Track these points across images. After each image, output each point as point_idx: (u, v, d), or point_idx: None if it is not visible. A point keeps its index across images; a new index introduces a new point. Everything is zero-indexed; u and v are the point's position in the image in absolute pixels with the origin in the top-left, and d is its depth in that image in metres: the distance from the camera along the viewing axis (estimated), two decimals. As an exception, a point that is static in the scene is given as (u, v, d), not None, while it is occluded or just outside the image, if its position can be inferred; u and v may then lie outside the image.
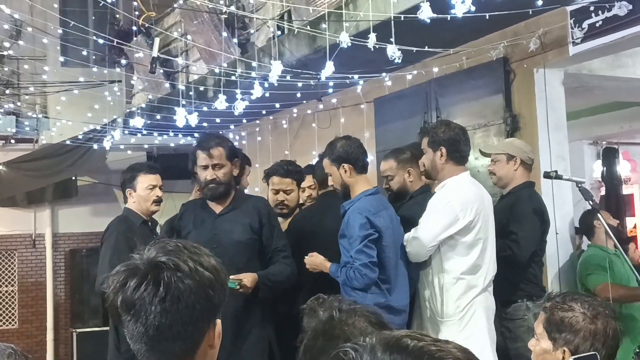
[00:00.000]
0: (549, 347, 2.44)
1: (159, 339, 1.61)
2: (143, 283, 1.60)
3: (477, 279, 4.24)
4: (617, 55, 6.02)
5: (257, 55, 6.92)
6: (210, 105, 7.55)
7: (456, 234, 4.21)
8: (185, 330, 1.62)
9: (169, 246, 1.67)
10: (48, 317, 11.85)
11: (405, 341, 1.00)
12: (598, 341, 2.36)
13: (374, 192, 4.25)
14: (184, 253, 1.66)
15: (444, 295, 4.25)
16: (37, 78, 10.70)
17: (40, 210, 12.06)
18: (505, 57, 5.97)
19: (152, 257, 1.63)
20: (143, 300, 1.60)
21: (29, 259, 12.07)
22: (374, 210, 4.13)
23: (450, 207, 4.22)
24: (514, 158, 5.02)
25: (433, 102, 6.73)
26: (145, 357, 1.64)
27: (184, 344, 1.63)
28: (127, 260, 1.67)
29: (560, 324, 2.42)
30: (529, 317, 4.74)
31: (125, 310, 1.61)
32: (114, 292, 1.62)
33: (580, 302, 2.43)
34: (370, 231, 4.05)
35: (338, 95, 7.79)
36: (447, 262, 4.25)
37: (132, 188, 4.91)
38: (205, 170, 4.41)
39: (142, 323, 1.60)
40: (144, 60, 9.19)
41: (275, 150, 9.02)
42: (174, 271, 1.61)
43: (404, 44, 5.19)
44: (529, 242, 4.80)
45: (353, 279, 4.04)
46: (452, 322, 4.22)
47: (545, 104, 5.77)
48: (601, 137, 9.40)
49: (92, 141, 10.10)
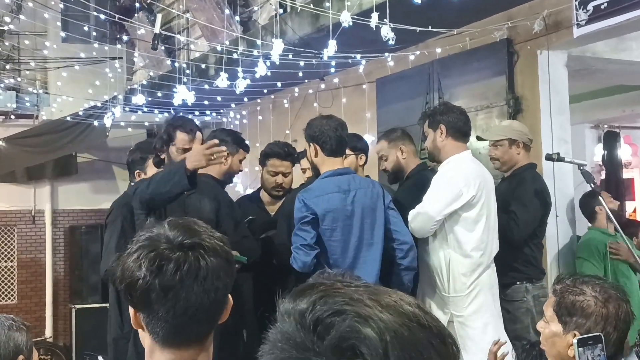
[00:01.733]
0: (559, 330, 2.43)
1: (194, 320, 1.63)
2: (182, 265, 1.61)
3: (483, 256, 4.29)
4: (621, 38, 5.99)
5: (259, 33, 6.89)
6: (212, 84, 7.52)
7: (460, 210, 4.27)
8: (215, 311, 1.66)
9: (187, 225, 1.69)
10: (47, 293, 11.88)
11: (318, 286, 0.98)
12: (610, 324, 2.35)
13: (330, 174, 4.17)
14: (204, 231, 1.68)
15: (451, 272, 4.29)
16: (38, 53, 10.65)
17: (40, 187, 12.05)
18: (508, 38, 5.93)
19: (179, 238, 1.64)
20: (182, 283, 1.60)
21: (28, 235, 12.08)
22: (317, 193, 4.09)
23: (453, 182, 4.28)
24: (516, 142, 5.03)
25: (435, 83, 6.70)
26: (169, 337, 1.64)
27: (212, 324, 1.68)
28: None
29: (572, 307, 2.40)
30: (528, 298, 4.78)
31: (162, 292, 1.60)
32: (144, 278, 1.61)
33: (592, 286, 2.41)
34: (304, 214, 4.04)
35: (340, 75, 7.76)
36: (453, 238, 4.30)
37: (143, 171, 4.93)
38: (185, 153, 4.29)
39: (180, 305, 1.60)
40: (145, 37, 9.15)
41: (276, 130, 8.99)
42: (206, 251, 1.63)
43: (407, 23, 5.17)
44: (527, 223, 4.83)
45: (293, 262, 4.05)
46: (459, 298, 4.27)
47: (548, 86, 5.75)
48: (603, 120, 9.40)
49: (92, 118, 10.07)
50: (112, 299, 4.91)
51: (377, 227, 4.15)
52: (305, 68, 6.88)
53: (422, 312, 0.94)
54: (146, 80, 9.60)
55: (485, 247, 4.32)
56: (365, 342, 0.88)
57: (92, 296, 10.89)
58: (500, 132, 5.20)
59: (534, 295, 4.80)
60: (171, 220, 1.70)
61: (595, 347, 2.28)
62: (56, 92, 10.99)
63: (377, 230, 4.16)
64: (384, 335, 0.88)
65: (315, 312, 0.91)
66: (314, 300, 0.93)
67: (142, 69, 10.37)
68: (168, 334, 1.63)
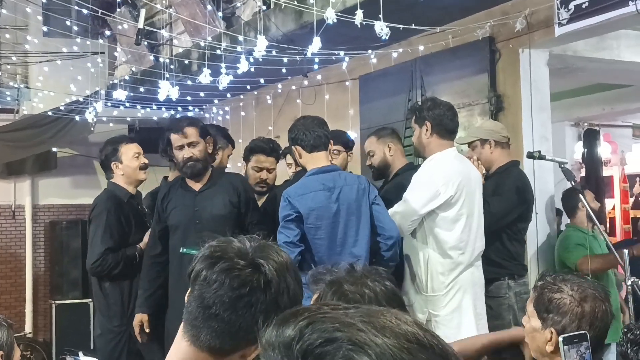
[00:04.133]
0: (538, 326, 2.47)
1: (210, 323, 1.63)
2: (233, 271, 1.62)
3: (462, 255, 4.30)
4: (602, 37, 6.05)
5: (242, 29, 6.88)
6: (195, 79, 7.51)
7: (438, 209, 4.26)
8: (235, 334, 1.64)
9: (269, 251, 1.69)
10: (27, 289, 11.79)
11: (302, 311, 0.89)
12: (585, 323, 2.39)
13: (316, 171, 4.20)
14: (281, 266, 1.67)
15: (429, 270, 4.30)
16: (19, 47, 10.57)
17: (20, 181, 11.95)
18: (491, 36, 5.97)
19: (252, 254, 1.66)
20: (222, 285, 1.61)
21: (8, 230, 11.98)
22: (302, 191, 4.12)
23: (431, 181, 4.28)
24: (487, 141, 5.06)
25: (418, 81, 6.73)
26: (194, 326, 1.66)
27: (226, 342, 1.65)
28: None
29: (549, 304, 2.45)
30: (510, 295, 4.81)
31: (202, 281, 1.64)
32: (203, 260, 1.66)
33: (570, 284, 2.45)
34: (288, 212, 4.07)
35: (323, 72, 7.78)
36: (431, 237, 4.30)
37: (118, 160, 4.92)
38: (182, 150, 4.56)
39: (207, 300, 1.62)
40: (127, 31, 9.10)
41: (259, 126, 8.99)
42: (264, 282, 1.62)
43: (391, 21, 5.18)
44: (500, 215, 4.81)
45: None
46: (436, 298, 4.28)
47: (529, 84, 5.79)
48: (583, 118, 9.48)
49: (74, 113, 10.01)
50: (98, 293, 4.91)
51: (363, 223, 4.16)
52: (288, 65, 6.88)
53: (421, 331, 0.85)
54: (128, 76, 9.55)
55: (465, 246, 4.32)
56: None
57: (72, 292, 10.83)
58: (471, 134, 5.24)
59: (516, 292, 4.83)
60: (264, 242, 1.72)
61: (580, 345, 2.31)
62: (37, 87, 10.91)
63: (363, 227, 4.17)
64: None
65: (303, 342, 0.82)
66: (300, 328, 0.84)
67: (124, 64, 10.31)
68: (189, 322, 1.66)
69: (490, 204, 4.72)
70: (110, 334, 4.80)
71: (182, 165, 4.58)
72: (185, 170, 4.60)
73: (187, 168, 4.56)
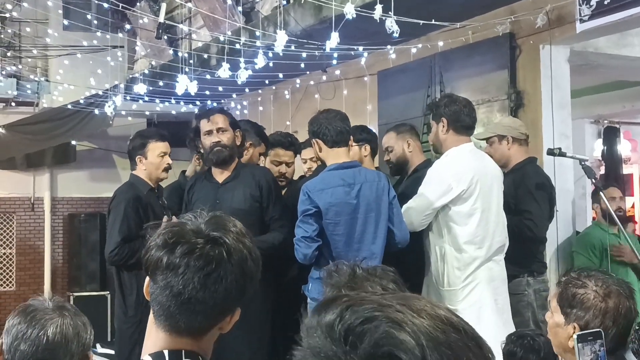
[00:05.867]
0: (561, 321, 2.46)
1: (185, 308, 1.62)
2: (194, 252, 1.61)
3: (479, 250, 4.29)
4: (623, 34, 6.00)
5: (261, 24, 6.88)
6: (214, 74, 7.52)
7: (451, 203, 4.28)
8: (212, 310, 1.64)
9: (223, 222, 1.68)
10: (45, 281, 11.90)
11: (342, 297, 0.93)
12: (609, 319, 2.37)
13: (336, 167, 4.19)
14: (236, 233, 1.67)
15: (446, 265, 4.30)
16: (39, 41, 10.63)
17: (39, 174, 12.05)
18: (511, 32, 5.94)
19: (207, 230, 1.64)
20: (188, 268, 1.60)
21: (27, 222, 12.09)
22: (321, 186, 4.12)
23: (443, 176, 4.30)
24: (505, 137, 5.04)
25: (437, 77, 6.70)
26: (161, 317, 1.65)
27: (205, 321, 1.65)
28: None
29: (572, 299, 2.43)
30: (529, 292, 4.80)
31: (166, 269, 1.62)
32: (159, 249, 1.64)
33: (595, 280, 2.44)
34: (307, 207, 4.07)
35: (341, 67, 7.76)
36: (446, 231, 4.32)
37: (143, 155, 4.92)
38: (210, 135, 4.54)
39: (177, 287, 1.61)
40: (147, 25, 9.13)
41: (277, 121, 8.99)
42: (227, 253, 1.62)
43: (411, 16, 5.17)
44: (544, 219, 4.89)
45: (295, 253, 4.10)
46: (453, 292, 4.28)
47: (550, 81, 5.76)
48: (603, 116, 9.41)
49: (93, 106, 10.07)
50: (116, 285, 4.93)
51: (382, 221, 4.15)
52: (307, 59, 6.88)
53: (454, 316, 0.91)
54: (148, 70, 9.59)
55: (482, 241, 4.30)
56: (402, 347, 0.84)
57: (90, 284, 10.91)
58: (489, 129, 5.23)
59: (535, 289, 4.82)
60: (212, 214, 1.70)
61: (595, 343, 2.30)
62: (57, 80, 10.98)
63: (381, 225, 4.16)
64: (420, 340, 0.84)
65: (344, 322, 0.87)
66: (341, 310, 0.89)
67: (143, 57, 10.36)
68: (161, 313, 1.64)
69: (532, 213, 4.77)
70: (125, 324, 4.83)
71: (209, 152, 4.56)
72: (212, 157, 4.56)
73: (213, 154, 4.54)
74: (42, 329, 2.14)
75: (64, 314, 2.21)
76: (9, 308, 10.95)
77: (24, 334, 2.14)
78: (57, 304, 2.24)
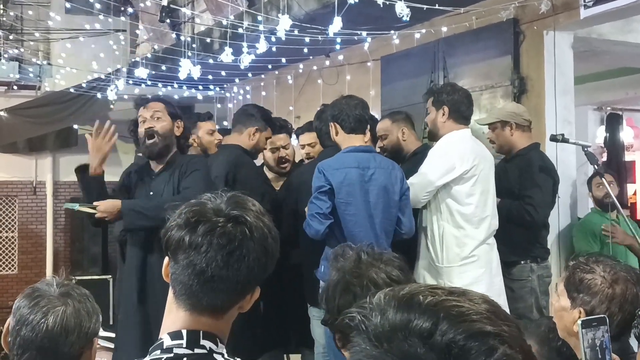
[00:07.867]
0: (567, 305, 2.47)
1: (208, 286, 1.64)
2: (216, 230, 1.63)
3: (477, 230, 4.36)
4: (628, 20, 5.97)
5: (264, 8, 6.86)
6: (216, 58, 7.50)
7: (452, 182, 4.35)
8: (234, 288, 1.66)
9: (243, 201, 1.70)
10: (47, 264, 11.93)
11: (418, 298, 0.92)
12: (615, 305, 2.38)
13: (353, 149, 4.23)
14: (256, 212, 1.69)
15: (445, 243, 4.36)
16: (41, 24, 10.61)
17: (41, 158, 12.06)
18: (515, 18, 5.91)
19: (227, 209, 1.66)
20: (210, 246, 1.62)
21: (29, 206, 12.12)
22: (336, 165, 4.15)
23: (447, 155, 4.37)
24: (508, 123, 5.04)
25: (440, 62, 6.69)
26: (182, 296, 1.66)
27: (227, 299, 1.67)
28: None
29: (579, 284, 2.44)
30: (533, 278, 4.82)
31: (188, 248, 1.64)
32: (180, 228, 1.65)
33: (603, 265, 2.44)
34: (322, 183, 4.10)
35: (345, 52, 7.75)
36: (446, 210, 4.39)
37: None
38: (144, 123, 4.24)
39: (199, 265, 1.63)
40: (149, 9, 9.11)
41: (280, 106, 8.98)
42: (249, 231, 1.65)
43: (415, 1, 5.15)
44: (546, 204, 4.90)
45: (306, 227, 4.13)
46: (451, 269, 4.34)
47: (553, 67, 5.75)
48: (606, 102, 9.38)
49: (95, 90, 10.06)
50: (119, 265, 4.90)
51: (392, 208, 4.18)
52: (310, 44, 6.86)
53: None
54: (150, 54, 9.57)
55: (480, 222, 4.37)
56: None
57: (92, 268, 10.95)
58: (492, 115, 5.24)
59: (539, 275, 4.84)
60: (231, 194, 1.71)
61: (598, 329, 2.30)
62: (59, 64, 10.96)
63: (391, 211, 4.19)
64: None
65: (446, 334, 0.86)
66: (435, 320, 0.88)
67: (145, 41, 10.33)
68: (183, 292, 1.66)
69: (532, 198, 4.78)
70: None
71: (142, 142, 4.24)
72: (144, 151, 4.28)
73: (145, 148, 4.23)
74: (44, 317, 2.13)
75: (68, 302, 2.19)
76: (11, 291, 10.99)
77: (26, 319, 2.14)
78: (63, 290, 2.22)
